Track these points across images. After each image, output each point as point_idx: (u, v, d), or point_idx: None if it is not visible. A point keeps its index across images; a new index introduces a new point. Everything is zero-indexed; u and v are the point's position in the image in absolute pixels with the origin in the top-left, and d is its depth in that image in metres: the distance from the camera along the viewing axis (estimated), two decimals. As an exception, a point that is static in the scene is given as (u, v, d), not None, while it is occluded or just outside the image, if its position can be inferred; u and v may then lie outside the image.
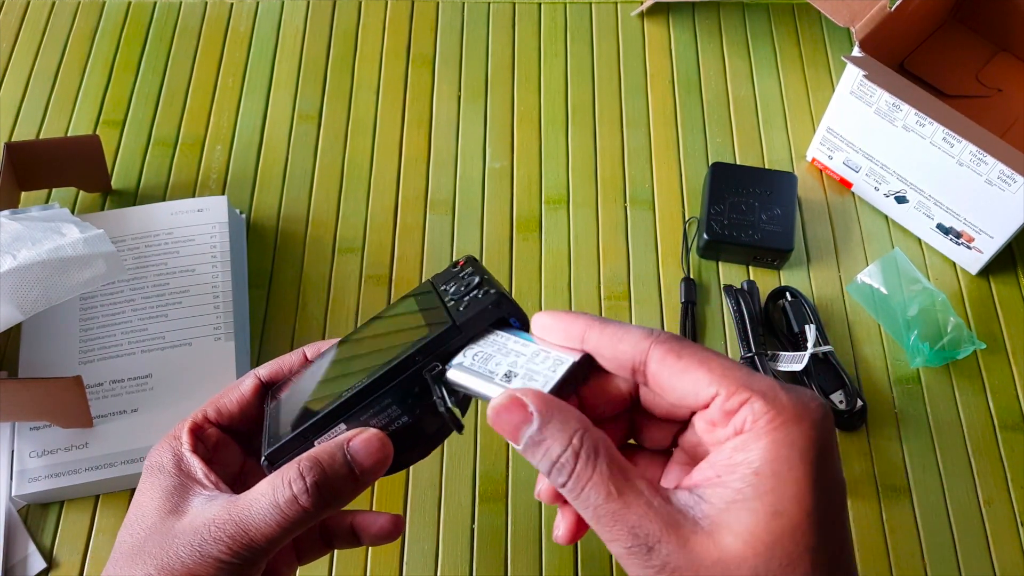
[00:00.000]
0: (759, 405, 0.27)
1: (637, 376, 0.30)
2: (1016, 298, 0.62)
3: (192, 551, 0.32)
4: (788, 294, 0.60)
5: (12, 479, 0.52)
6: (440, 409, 0.32)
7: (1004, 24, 0.70)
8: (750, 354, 0.57)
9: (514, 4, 0.75)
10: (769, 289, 0.61)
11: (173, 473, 0.35)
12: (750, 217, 0.62)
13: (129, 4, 0.74)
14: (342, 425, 0.33)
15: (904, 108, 0.57)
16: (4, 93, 0.70)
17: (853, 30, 0.59)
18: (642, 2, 0.75)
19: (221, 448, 0.38)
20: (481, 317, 0.34)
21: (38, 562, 0.51)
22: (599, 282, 0.62)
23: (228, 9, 0.74)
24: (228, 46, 0.72)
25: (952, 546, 0.54)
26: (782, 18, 0.75)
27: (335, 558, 0.52)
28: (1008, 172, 0.55)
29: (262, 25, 0.74)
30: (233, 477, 0.38)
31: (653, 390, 0.31)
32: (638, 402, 0.33)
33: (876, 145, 0.61)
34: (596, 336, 0.31)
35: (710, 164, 0.65)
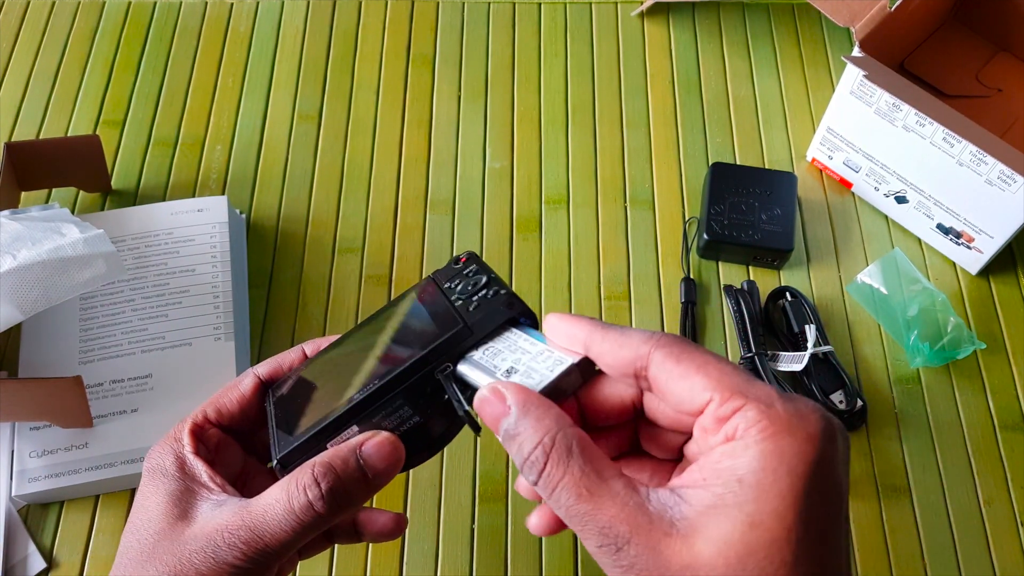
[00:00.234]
0: (753, 413, 0.27)
1: (640, 381, 0.30)
2: (1016, 298, 0.62)
3: (206, 558, 0.32)
4: (788, 294, 0.60)
5: (12, 479, 0.52)
6: (459, 413, 0.32)
7: (1004, 24, 0.70)
8: (750, 354, 0.57)
9: (514, 4, 0.75)
10: (769, 289, 0.61)
11: (177, 476, 0.35)
12: (750, 217, 0.62)
13: (129, 4, 0.74)
14: (354, 427, 0.33)
15: (904, 108, 0.57)
16: (4, 93, 0.70)
17: (853, 30, 0.59)
18: (642, 2, 0.75)
19: (222, 448, 0.37)
20: (493, 318, 0.34)
21: (38, 562, 0.51)
22: (599, 282, 0.62)
23: (228, 9, 0.74)
24: (228, 46, 0.72)
25: (952, 546, 0.54)
26: (782, 18, 0.75)
27: (335, 559, 0.52)
28: (1008, 172, 0.55)
29: (262, 25, 0.74)
30: (234, 477, 0.37)
31: (656, 395, 0.31)
32: (644, 410, 0.32)
33: (876, 145, 0.61)
34: (599, 340, 0.31)
35: (710, 164, 0.65)
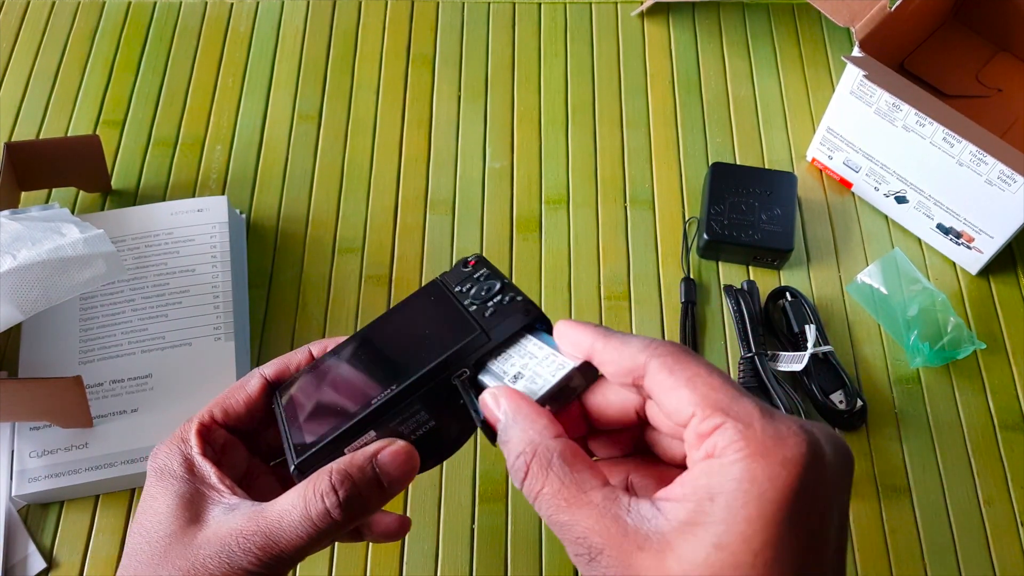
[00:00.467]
0: (731, 432, 0.26)
1: (640, 389, 0.30)
2: (1016, 298, 0.62)
3: (220, 562, 0.32)
4: (788, 294, 0.60)
5: (12, 479, 0.52)
6: (476, 422, 0.32)
7: (1004, 24, 0.70)
8: (750, 354, 0.57)
9: (514, 4, 0.75)
10: (769, 289, 0.61)
11: (186, 478, 0.35)
12: (750, 217, 0.62)
13: (129, 4, 0.74)
14: (372, 432, 0.34)
15: (904, 108, 0.57)
16: (4, 93, 0.70)
17: (853, 30, 0.59)
18: (642, 2, 0.75)
19: (228, 449, 0.37)
20: (510, 324, 0.34)
21: (38, 562, 0.51)
22: (599, 282, 0.62)
23: (228, 9, 0.74)
24: (228, 46, 0.72)
25: (952, 546, 0.54)
26: (782, 18, 0.75)
27: (335, 559, 0.52)
28: (1008, 172, 0.55)
29: (262, 25, 0.74)
30: (239, 477, 0.37)
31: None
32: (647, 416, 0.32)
33: (876, 145, 0.61)
34: (601, 349, 0.31)
35: (710, 164, 0.65)
